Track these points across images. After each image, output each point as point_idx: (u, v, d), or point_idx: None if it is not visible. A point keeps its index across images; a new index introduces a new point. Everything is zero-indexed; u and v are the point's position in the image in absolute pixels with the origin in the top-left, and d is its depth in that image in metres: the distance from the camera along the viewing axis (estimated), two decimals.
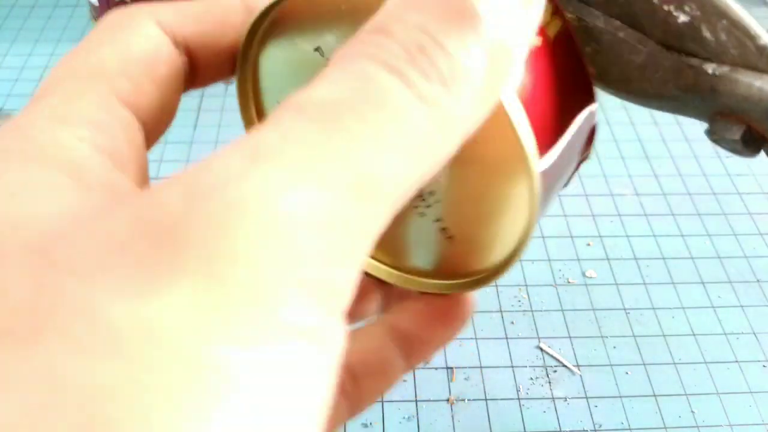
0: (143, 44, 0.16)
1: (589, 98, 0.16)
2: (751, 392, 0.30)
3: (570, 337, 0.32)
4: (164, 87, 0.16)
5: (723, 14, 0.17)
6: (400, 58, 0.12)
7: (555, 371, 0.31)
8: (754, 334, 0.32)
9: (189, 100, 0.47)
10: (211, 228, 0.09)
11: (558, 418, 0.29)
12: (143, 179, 0.15)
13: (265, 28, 0.17)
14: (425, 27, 0.12)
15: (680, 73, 0.17)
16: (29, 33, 0.50)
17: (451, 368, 0.30)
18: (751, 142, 0.17)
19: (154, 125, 0.16)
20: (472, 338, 0.32)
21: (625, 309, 0.33)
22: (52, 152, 0.13)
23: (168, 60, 0.16)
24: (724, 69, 0.17)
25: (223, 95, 0.45)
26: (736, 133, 0.17)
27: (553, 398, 0.30)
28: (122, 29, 0.16)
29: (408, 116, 0.11)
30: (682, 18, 0.18)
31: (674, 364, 0.31)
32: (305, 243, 0.10)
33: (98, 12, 0.49)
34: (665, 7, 0.18)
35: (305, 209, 0.10)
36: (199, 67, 0.18)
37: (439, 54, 0.12)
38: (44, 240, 0.10)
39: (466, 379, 0.30)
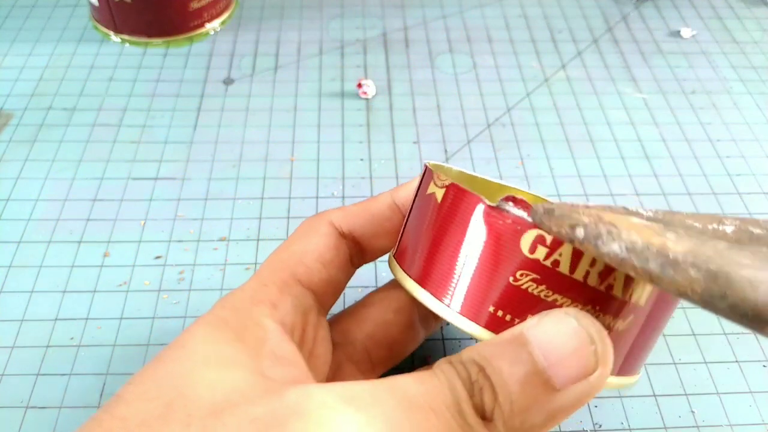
0: (318, 240, 0.23)
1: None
2: (751, 392, 0.30)
3: None
4: (330, 267, 0.23)
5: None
6: (465, 393, 0.18)
7: None
8: (754, 334, 0.32)
9: (189, 100, 0.47)
10: None
11: None
12: (308, 331, 0.23)
13: None
14: (494, 378, 0.18)
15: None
16: (29, 33, 0.50)
17: None
18: None
19: (325, 293, 0.24)
20: (473, 340, 0.32)
21: None
22: (246, 325, 0.20)
23: (333, 248, 0.24)
24: None
25: (223, 95, 0.45)
26: None
27: None
28: (309, 230, 0.24)
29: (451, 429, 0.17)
30: (729, 228, 0.20)
31: (674, 364, 0.31)
32: None
33: (98, 12, 0.49)
34: (709, 226, 0.20)
35: None
36: (364, 249, 0.25)
37: (490, 399, 0.17)
38: (208, 412, 0.17)
39: None
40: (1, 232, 0.36)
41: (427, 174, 0.23)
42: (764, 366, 0.31)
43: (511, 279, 0.19)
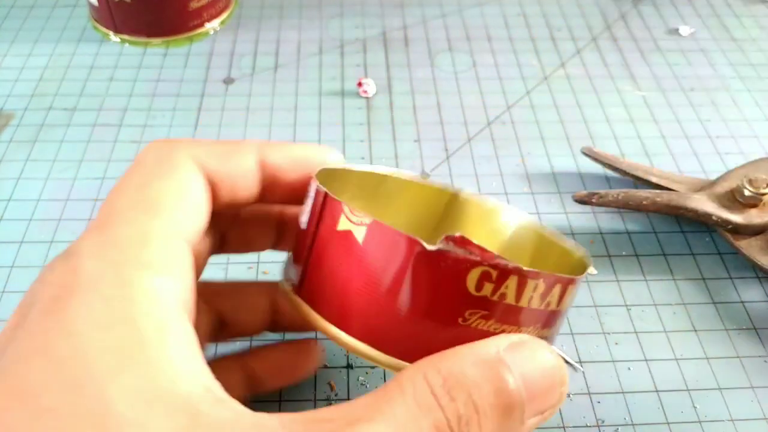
0: (184, 177, 0.17)
1: None
2: (752, 387, 0.30)
3: (572, 334, 0.32)
4: (204, 216, 0.18)
5: None
6: (449, 427, 0.16)
7: None
8: (755, 329, 0.32)
9: (189, 99, 0.47)
10: None
11: (561, 414, 0.29)
12: (193, 301, 0.17)
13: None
14: (481, 410, 0.16)
15: None
16: (29, 33, 0.50)
17: None
18: None
19: (199, 255, 0.19)
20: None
21: (626, 305, 0.33)
22: (142, 307, 0.15)
23: (204, 192, 0.18)
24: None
25: (224, 95, 0.45)
26: None
27: None
28: (167, 164, 0.18)
29: None
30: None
31: (676, 359, 0.31)
32: None
33: (98, 12, 0.49)
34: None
35: None
36: (218, 202, 0.19)
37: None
38: None
39: None
40: (3, 232, 0.36)
41: (329, 203, 0.19)
42: (765, 361, 0.31)
43: (460, 320, 0.18)
